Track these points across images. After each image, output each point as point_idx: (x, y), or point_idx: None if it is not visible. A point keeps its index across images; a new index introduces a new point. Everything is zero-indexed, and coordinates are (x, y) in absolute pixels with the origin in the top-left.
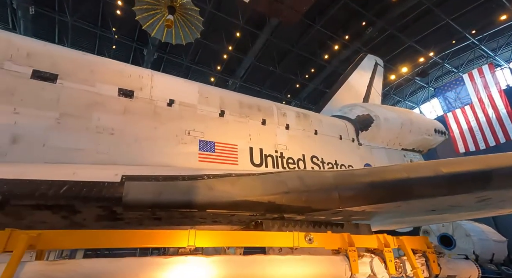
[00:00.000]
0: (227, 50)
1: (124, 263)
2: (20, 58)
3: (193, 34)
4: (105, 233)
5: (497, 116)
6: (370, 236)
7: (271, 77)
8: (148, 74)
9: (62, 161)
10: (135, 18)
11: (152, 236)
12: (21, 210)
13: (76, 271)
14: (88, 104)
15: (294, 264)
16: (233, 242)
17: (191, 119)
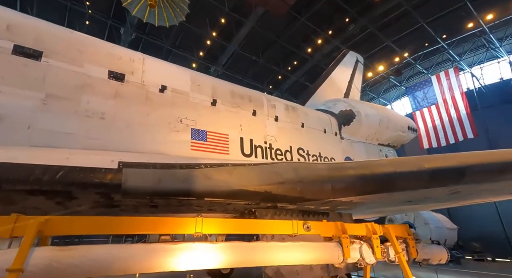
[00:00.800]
0: (210, 36)
1: (134, 249)
2: (2, 32)
3: (178, 17)
4: (116, 219)
5: (457, 117)
6: (360, 224)
7: (254, 66)
8: (140, 58)
9: (50, 145)
10: None
11: (161, 223)
12: (13, 195)
13: (85, 257)
14: (76, 86)
15: (293, 250)
16: (238, 229)
17: (183, 107)
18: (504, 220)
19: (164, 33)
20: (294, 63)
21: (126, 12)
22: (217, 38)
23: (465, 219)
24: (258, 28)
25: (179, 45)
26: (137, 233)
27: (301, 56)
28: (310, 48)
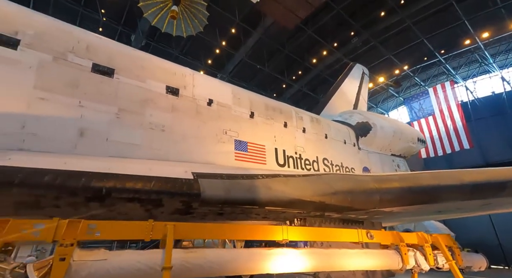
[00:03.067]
0: (220, 44)
1: (238, 253)
2: (81, 51)
3: (196, 28)
4: (227, 226)
5: (454, 127)
6: (411, 233)
7: (259, 74)
8: (190, 73)
9: (124, 156)
10: (137, 5)
11: (255, 230)
12: (116, 202)
13: (206, 258)
14: (141, 100)
15: (361, 256)
16: (317, 236)
17: (227, 119)
18: (497, 227)
19: (173, 41)
20: (298, 72)
21: (138, 19)
22: (225, 47)
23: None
24: (265, 38)
25: (187, 53)
26: (238, 239)
27: (304, 66)
28: (315, 59)
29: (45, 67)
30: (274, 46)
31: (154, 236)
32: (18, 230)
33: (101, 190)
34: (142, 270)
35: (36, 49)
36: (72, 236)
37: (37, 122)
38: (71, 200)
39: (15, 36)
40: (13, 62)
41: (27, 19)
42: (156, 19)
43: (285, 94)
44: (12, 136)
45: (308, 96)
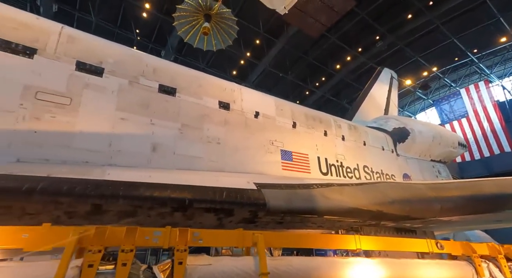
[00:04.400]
0: (244, 56)
1: (320, 261)
2: (149, 74)
3: (225, 42)
4: (306, 235)
5: (491, 129)
6: (482, 244)
7: (281, 83)
8: (238, 88)
9: (189, 168)
10: (172, 24)
11: (330, 239)
12: (195, 212)
13: (291, 266)
14: (199, 116)
15: (433, 267)
16: (388, 246)
17: (272, 130)
18: None
19: (200, 55)
20: (321, 78)
21: (167, 36)
22: (249, 57)
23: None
24: (287, 47)
25: (213, 65)
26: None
27: (328, 72)
28: (339, 65)
29: (123, 90)
30: (297, 54)
31: (245, 243)
32: (143, 236)
33: (185, 200)
34: (240, 275)
35: (116, 75)
36: (183, 242)
37: (120, 140)
38: (161, 210)
39: (100, 65)
40: (100, 89)
41: (108, 50)
42: (188, 36)
43: (308, 101)
44: (103, 154)
45: (331, 101)
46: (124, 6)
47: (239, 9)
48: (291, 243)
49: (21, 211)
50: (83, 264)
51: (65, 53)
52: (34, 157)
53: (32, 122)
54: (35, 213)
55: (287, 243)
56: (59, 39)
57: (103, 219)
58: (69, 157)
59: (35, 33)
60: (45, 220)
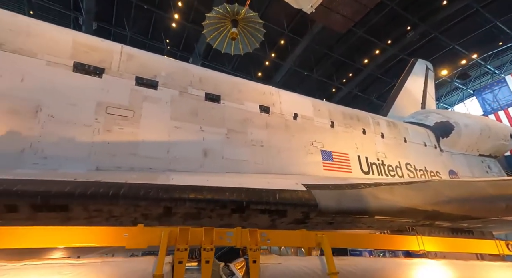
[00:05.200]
0: (269, 57)
1: (385, 262)
2: (196, 83)
3: (252, 45)
4: (368, 236)
5: None
6: None
7: (306, 81)
8: (276, 91)
9: (237, 171)
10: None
11: (392, 239)
12: (251, 213)
13: (356, 266)
14: (242, 120)
15: (504, 270)
16: (454, 247)
17: (311, 131)
18: None
19: (225, 59)
20: (347, 74)
21: (194, 44)
22: (274, 58)
23: None
24: (312, 45)
25: (238, 68)
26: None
27: (355, 67)
28: (367, 59)
29: (175, 101)
30: (322, 52)
31: (309, 244)
32: (218, 236)
33: (242, 202)
34: (309, 274)
35: (168, 87)
36: (254, 242)
37: (176, 147)
38: (221, 211)
39: (155, 78)
40: (156, 100)
41: (160, 64)
42: (217, 42)
43: (335, 98)
44: (163, 160)
45: (359, 97)
46: (155, 18)
47: (263, 11)
48: (353, 243)
49: (108, 214)
50: (174, 261)
51: (126, 70)
52: (109, 165)
53: (105, 134)
54: (119, 215)
55: (350, 243)
56: (121, 57)
57: (170, 220)
58: (136, 164)
59: (101, 54)
60: (126, 221)
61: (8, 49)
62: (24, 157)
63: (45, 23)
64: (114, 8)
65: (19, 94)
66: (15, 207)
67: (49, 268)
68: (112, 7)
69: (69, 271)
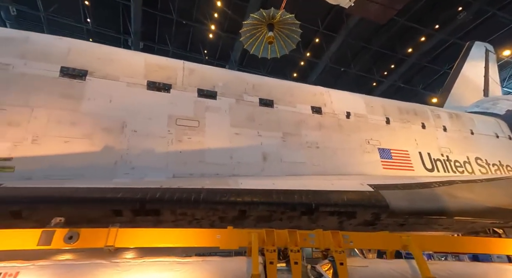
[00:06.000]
0: (304, 56)
1: (484, 267)
2: (250, 90)
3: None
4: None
5: None
6: None
7: (343, 77)
8: (326, 91)
9: (295, 173)
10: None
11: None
12: (320, 215)
13: (450, 271)
14: (296, 123)
15: None
16: None
17: (366, 129)
18: None
19: (260, 63)
20: (388, 66)
21: (230, 51)
22: (309, 57)
23: None
24: (348, 39)
25: (272, 71)
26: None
27: (397, 58)
28: (410, 48)
29: (233, 108)
30: (359, 45)
31: (394, 246)
32: (302, 238)
33: (311, 205)
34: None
35: (225, 96)
36: (337, 244)
37: (238, 153)
38: (291, 214)
39: (213, 89)
40: (216, 110)
41: (217, 75)
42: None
43: (375, 92)
44: (227, 166)
45: (403, 90)
46: (192, 31)
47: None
48: (444, 246)
49: (191, 217)
50: (266, 261)
51: (189, 84)
52: (183, 172)
53: (177, 144)
54: (200, 218)
55: (441, 246)
56: (184, 73)
57: (243, 223)
58: (205, 170)
59: (168, 71)
60: (205, 224)
61: (98, 76)
62: (117, 167)
63: (121, 50)
64: (157, 27)
65: (109, 114)
66: (120, 212)
67: (163, 265)
68: (155, 26)
69: (178, 268)
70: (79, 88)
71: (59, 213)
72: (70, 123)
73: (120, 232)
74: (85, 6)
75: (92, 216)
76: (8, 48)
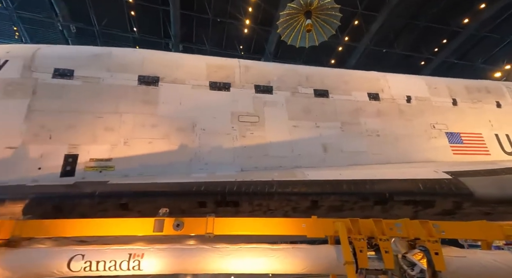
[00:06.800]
0: (341, 41)
1: None
2: (304, 82)
3: (328, 32)
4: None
5: None
6: None
7: (384, 60)
8: (383, 76)
9: (357, 163)
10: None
11: None
12: (394, 204)
13: None
14: (353, 111)
15: None
16: None
17: (430, 112)
18: None
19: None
20: (440, 41)
21: (264, 44)
22: (347, 42)
23: None
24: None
25: (308, 60)
26: None
27: (450, 31)
28: (467, 18)
29: (289, 101)
30: (402, 23)
31: (494, 236)
32: (388, 227)
33: (385, 194)
34: (503, 269)
35: (281, 90)
36: (427, 233)
37: (298, 145)
38: (363, 204)
39: (269, 84)
40: (273, 104)
41: (271, 70)
42: (291, 38)
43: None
44: (289, 158)
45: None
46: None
47: None
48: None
49: (266, 208)
50: (355, 249)
51: (246, 81)
52: (249, 166)
53: (241, 139)
54: (274, 209)
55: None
56: (240, 70)
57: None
58: (268, 163)
59: (226, 71)
60: (278, 214)
61: (168, 81)
62: (192, 164)
63: (184, 55)
64: (194, 28)
65: (180, 115)
66: (204, 203)
67: (257, 251)
68: (192, 27)
69: (272, 254)
70: (154, 93)
71: (156, 205)
72: (151, 125)
73: (216, 221)
74: (131, 16)
75: (183, 207)
76: (98, 63)
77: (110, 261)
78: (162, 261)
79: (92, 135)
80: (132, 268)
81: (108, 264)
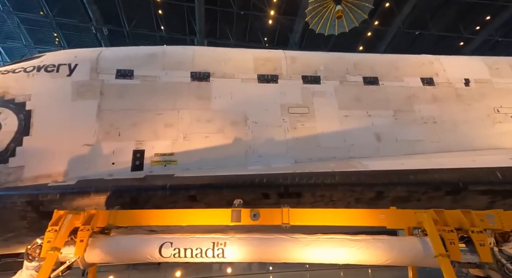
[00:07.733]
0: (371, 26)
1: None
2: (352, 70)
3: (359, 18)
4: None
5: None
6: None
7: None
8: (436, 59)
9: (413, 152)
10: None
11: None
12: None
13: None
14: (406, 98)
15: None
16: None
17: (492, 95)
18: None
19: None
20: (483, 18)
21: (289, 35)
22: (377, 26)
23: None
24: None
25: (334, 49)
26: None
27: (494, 7)
28: None
29: (338, 91)
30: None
31: None
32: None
33: (459, 184)
34: None
35: (329, 79)
36: None
37: (350, 135)
38: (433, 194)
39: (316, 74)
40: (322, 94)
41: (317, 59)
42: (319, 26)
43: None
44: (342, 149)
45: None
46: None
47: None
48: None
49: (329, 198)
50: (445, 241)
51: (293, 72)
52: (303, 158)
53: (292, 131)
54: (336, 200)
55: None
56: (286, 62)
57: (378, 204)
58: (322, 154)
59: (273, 63)
60: (340, 205)
61: (218, 76)
62: (247, 156)
63: (231, 49)
64: (218, 23)
65: (233, 109)
66: (267, 194)
67: (336, 242)
68: (216, 22)
69: (352, 245)
70: (206, 89)
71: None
72: (206, 120)
73: (291, 212)
74: (158, 15)
75: (247, 198)
76: (153, 63)
77: (196, 249)
78: (243, 249)
79: (154, 131)
80: (216, 256)
81: (195, 252)
